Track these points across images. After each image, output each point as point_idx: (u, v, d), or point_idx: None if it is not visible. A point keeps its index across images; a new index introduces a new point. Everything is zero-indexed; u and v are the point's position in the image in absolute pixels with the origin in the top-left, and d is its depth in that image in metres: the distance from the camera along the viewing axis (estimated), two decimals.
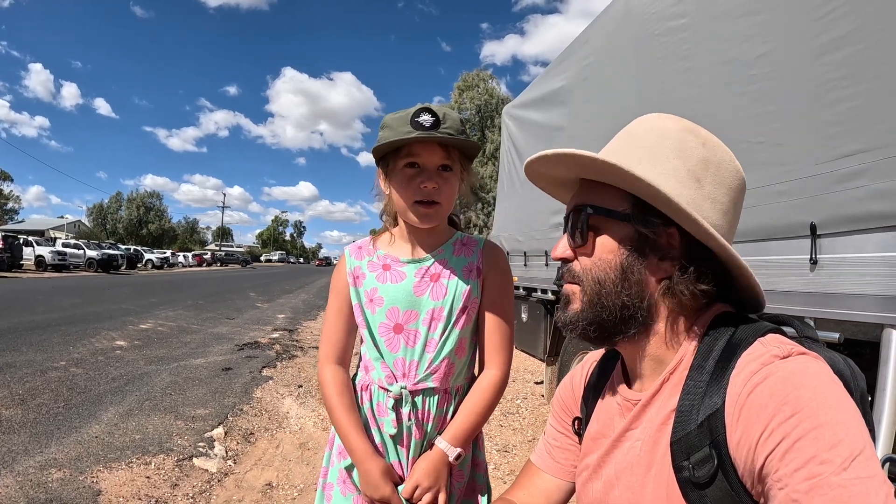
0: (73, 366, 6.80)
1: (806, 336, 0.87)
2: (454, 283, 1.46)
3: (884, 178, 1.93)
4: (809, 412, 0.67)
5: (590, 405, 1.10)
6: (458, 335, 1.45)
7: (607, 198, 0.91)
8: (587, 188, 0.95)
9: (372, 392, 1.46)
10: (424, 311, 1.44)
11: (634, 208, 0.88)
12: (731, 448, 0.75)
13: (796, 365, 0.74)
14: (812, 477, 0.63)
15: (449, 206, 1.44)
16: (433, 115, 1.33)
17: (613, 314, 0.90)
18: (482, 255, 1.51)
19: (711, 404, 0.78)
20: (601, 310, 0.90)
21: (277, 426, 5.10)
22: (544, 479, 1.17)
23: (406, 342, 1.44)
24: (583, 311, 0.92)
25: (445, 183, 1.40)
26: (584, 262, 0.93)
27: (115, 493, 3.52)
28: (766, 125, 2.43)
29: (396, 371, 1.44)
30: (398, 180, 1.40)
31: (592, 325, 0.92)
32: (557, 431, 1.20)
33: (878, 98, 1.97)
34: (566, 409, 1.20)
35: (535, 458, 1.22)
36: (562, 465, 1.16)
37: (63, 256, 33.14)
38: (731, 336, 0.84)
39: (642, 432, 0.90)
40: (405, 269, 1.48)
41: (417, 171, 1.38)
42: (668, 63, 3.15)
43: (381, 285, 1.47)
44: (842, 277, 2.09)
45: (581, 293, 0.93)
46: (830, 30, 2.11)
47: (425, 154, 1.37)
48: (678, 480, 0.80)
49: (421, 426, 1.44)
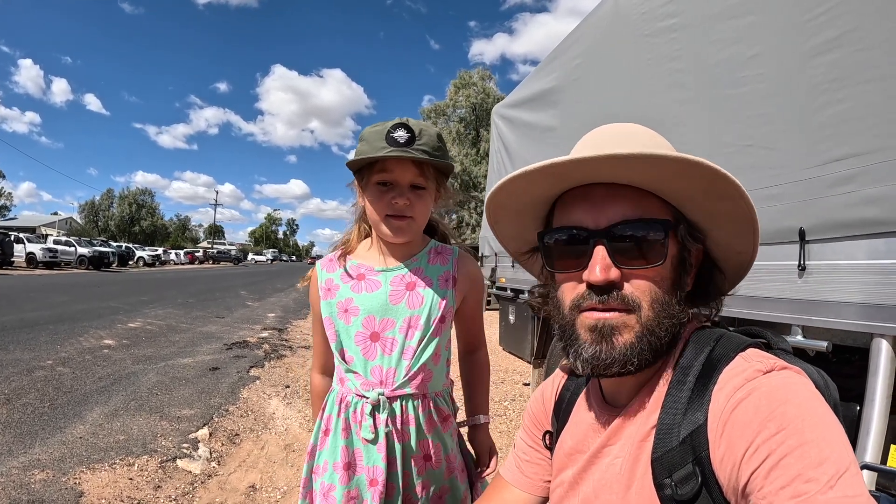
0: (60, 365, 6.73)
1: (780, 348, 0.86)
2: (430, 293, 1.48)
3: (875, 183, 1.90)
4: (795, 429, 0.65)
5: (561, 419, 1.08)
6: (436, 344, 1.47)
7: (652, 208, 0.84)
8: (623, 199, 0.84)
9: (349, 402, 1.46)
10: (401, 320, 1.45)
11: (676, 219, 0.85)
12: (714, 465, 0.73)
13: (780, 380, 0.73)
14: (798, 495, 0.61)
15: (422, 221, 1.48)
16: (409, 132, 1.34)
17: (663, 342, 0.83)
18: (457, 265, 1.56)
19: (694, 420, 0.76)
20: (656, 339, 0.82)
21: (263, 427, 5.05)
22: (514, 493, 1.15)
23: (383, 350, 1.45)
24: (638, 342, 0.82)
25: (418, 199, 1.42)
26: (637, 284, 0.83)
27: (97, 494, 3.48)
28: (755, 128, 2.40)
29: (373, 378, 1.44)
30: (371, 194, 1.42)
31: (644, 358, 0.82)
32: (527, 445, 1.18)
33: (869, 101, 1.94)
34: (536, 423, 1.17)
35: (504, 472, 1.20)
36: (531, 480, 1.14)
37: (54, 253, 32.96)
38: (711, 351, 0.82)
39: (621, 449, 0.87)
40: (380, 277, 1.49)
41: (390, 187, 1.40)
42: (658, 64, 3.11)
43: (356, 295, 1.47)
44: (831, 284, 2.07)
45: (636, 321, 0.82)
46: (822, 32, 2.08)
47: (398, 171, 1.39)
48: (660, 498, 0.78)
49: (402, 431, 1.44)
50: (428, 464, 1.50)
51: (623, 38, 3.61)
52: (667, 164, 0.76)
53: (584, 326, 0.85)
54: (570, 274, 0.87)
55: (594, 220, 0.84)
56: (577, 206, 0.87)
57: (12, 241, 30.73)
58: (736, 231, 0.86)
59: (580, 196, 0.86)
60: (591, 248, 0.83)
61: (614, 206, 0.83)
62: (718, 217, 0.85)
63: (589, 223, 0.84)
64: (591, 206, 0.85)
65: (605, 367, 0.83)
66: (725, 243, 0.90)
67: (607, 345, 0.82)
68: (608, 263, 0.81)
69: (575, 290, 0.86)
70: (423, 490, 1.49)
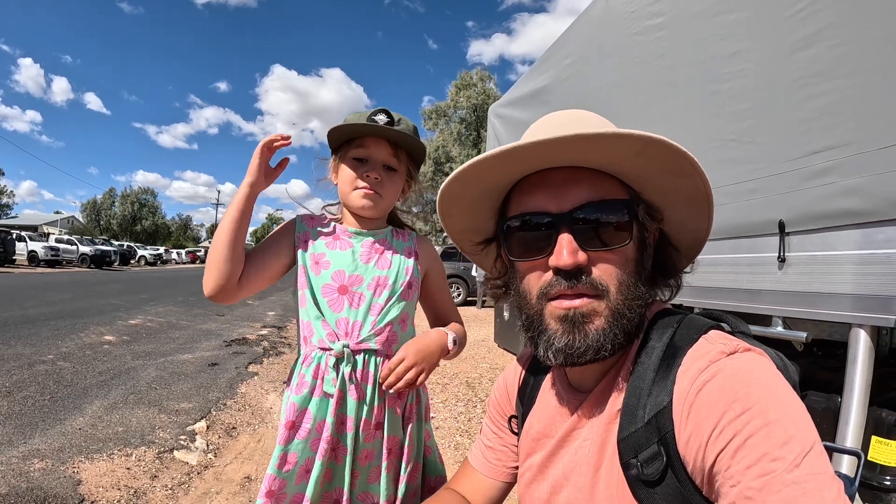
0: (61, 359, 6.78)
1: (739, 331, 0.87)
2: (398, 259, 1.56)
3: (853, 174, 1.93)
4: (760, 409, 0.67)
5: (526, 404, 1.08)
6: (403, 307, 1.52)
7: (612, 189, 0.84)
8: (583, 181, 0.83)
9: (313, 358, 1.47)
10: (370, 278, 1.51)
11: (635, 200, 0.86)
12: (679, 445, 0.74)
13: (743, 362, 0.74)
14: (765, 474, 0.62)
15: (390, 201, 1.56)
16: (388, 117, 1.46)
17: (633, 324, 0.83)
18: (417, 242, 1.64)
19: (658, 402, 0.77)
20: (627, 322, 0.82)
21: (260, 421, 5.09)
22: (479, 478, 1.17)
23: (350, 303, 1.49)
24: (610, 327, 0.81)
25: (389, 180, 1.52)
26: (604, 267, 0.82)
27: (94, 483, 3.52)
28: (738, 122, 2.45)
29: (339, 330, 1.46)
30: (346, 167, 1.51)
31: (617, 342, 0.82)
32: (492, 431, 1.19)
33: (848, 95, 1.98)
34: (500, 409, 1.19)
35: (471, 458, 1.22)
36: (494, 466, 1.16)
37: (56, 252, 32.99)
38: (674, 333, 0.83)
39: (589, 431, 0.88)
40: (353, 239, 1.56)
41: (365, 162, 1.50)
42: (645, 61, 3.17)
43: (329, 251, 1.54)
44: (811, 276, 2.10)
45: (605, 306, 0.81)
46: (802, 27, 2.12)
47: (374, 148, 1.49)
48: (627, 479, 0.79)
49: (360, 387, 1.44)
50: (377, 433, 1.48)
51: (612, 37, 3.66)
52: (628, 143, 0.75)
53: (553, 317, 0.83)
54: (535, 262, 0.86)
55: (557, 205, 0.82)
56: (536, 192, 0.85)
57: (14, 240, 30.75)
58: (692, 208, 0.87)
59: (538, 182, 0.85)
60: (556, 233, 0.82)
61: (576, 189, 0.82)
62: (674, 195, 0.85)
63: (552, 207, 0.83)
64: (552, 191, 0.83)
65: (579, 356, 0.81)
66: (679, 221, 0.91)
67: (580, 333, 0.81)
68: (575, 247, 0.80)
69: (541, 279, 0.85)
70: (365, 459, 1.47)
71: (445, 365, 7.91)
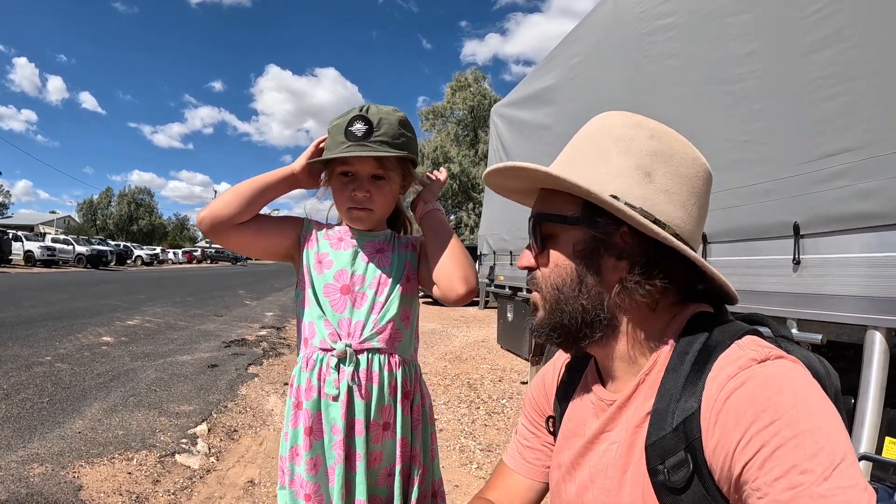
0: (59, 361, 6.74)
1: (781, 335, 0.86)
2: (397, 255, 1.56)
3: (868, 177, 1.92)
4: (789, 419, 0.65)
5: (563, 403, 1.08)
6: (404, 302, 1.51)
7: (559, 204, 0.92)
8: (544, 197, 0.97)
9: (314, 360, 1.45)
10: (372, 277, 1.50)
11: (583, 211, 0.88)
12: (706, 453, 0.73)
13: (775, 369, 0.72)
14: (793, 487, 0.61)
15: (383, 211, 1.55)
16: (366, 124, 1.39)
17: (575, 319, 0.90)
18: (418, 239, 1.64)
19: (687, 408, 0.76)
20: (562, 315, 0.91)
21: (261, 423, 5.06)
22: (517, 479, 1.16)
23: (353, 303, 1.48)
24: (546, 318, 0.93)
25: (378, 191, 1.48)
26: (543, 270, 0.94)
27: (95, 488, 3.48)
28: (751, 124, 2.42)
29: (341, 330, 1.45)
30: (335, 185, 1.51)
31: (556, 332, 0.93)
32: (529, 431, 1.18)
33: (863, 97, 1.96)
34: (538, 408, 1.18)
35: (507, 459, 1.21)
36: (533, 466, 1.15)
37: (52, 252, 32.90)
38: (708, 338, 0.82)
39: (618, 434, 0.88)
40: (355, 240, 1.55)
41: (351, 178, 1.47)
42: (655, 62, 3.15)
43: (332, 250, 1.54)
44: (825, 278, 2.09)
45: (542, 301, 0.94)
46: (818, 28, 2.11)
47: (358, 164, 1.45)
48: (653, 484, 0.78)
49: (365, 387, 1.43)
50: (386, 434, 1.47)
51: (621, 37, 3.64)
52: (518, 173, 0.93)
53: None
54: None
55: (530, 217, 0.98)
56: None
57: (10, 239, 30.67)
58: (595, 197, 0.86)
59: None
60: None
61: (537, 204, 0.97)
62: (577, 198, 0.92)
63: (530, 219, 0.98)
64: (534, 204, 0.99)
65: (532, 335, 1.03)
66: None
67: (531, 318, 0.99)
68: (526, 252, 0.98)
69: None
70: (374, 462, 1.46)
71: (446, 366, 7.89)
